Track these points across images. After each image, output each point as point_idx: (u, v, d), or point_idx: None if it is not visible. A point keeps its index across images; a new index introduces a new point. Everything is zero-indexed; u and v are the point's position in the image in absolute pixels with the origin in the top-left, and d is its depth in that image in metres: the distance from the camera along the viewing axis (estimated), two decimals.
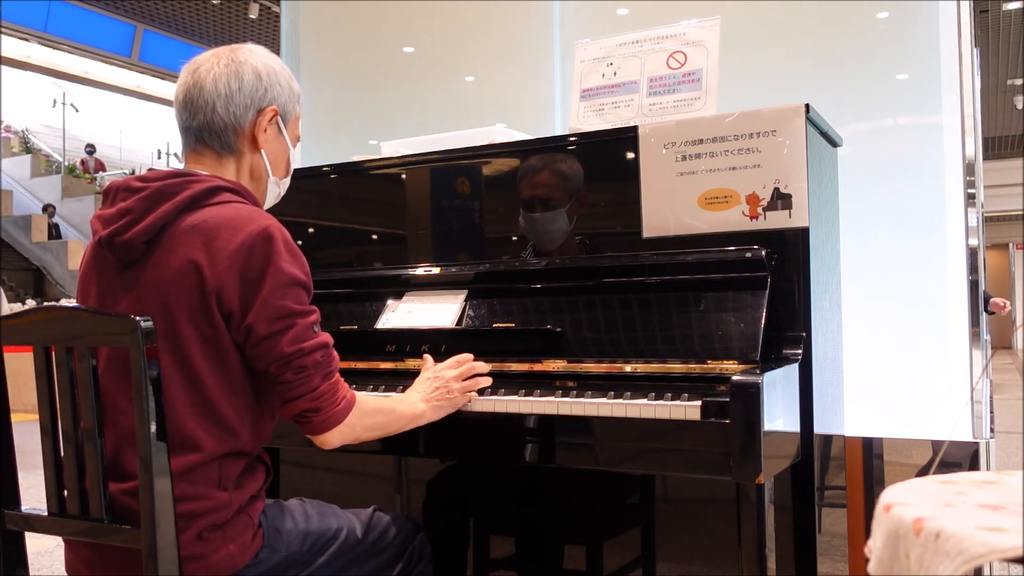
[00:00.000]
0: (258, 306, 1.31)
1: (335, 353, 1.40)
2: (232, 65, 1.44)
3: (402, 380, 1.79)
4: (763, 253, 1.66)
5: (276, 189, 1.55)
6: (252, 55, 1.47)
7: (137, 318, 1.21)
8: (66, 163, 16.43)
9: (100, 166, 16.93)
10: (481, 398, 1.67)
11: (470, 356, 1.72)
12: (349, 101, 3.29)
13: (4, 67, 15.31)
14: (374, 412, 1.46)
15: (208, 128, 1.44)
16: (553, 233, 1.95)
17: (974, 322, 2.11)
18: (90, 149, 16.91)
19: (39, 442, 1.33)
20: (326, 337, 1.38)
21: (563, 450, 1.62)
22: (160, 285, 1.33)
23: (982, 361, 2.10)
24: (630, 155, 1.85)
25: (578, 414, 1.57)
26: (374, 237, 2.30)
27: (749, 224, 1.71)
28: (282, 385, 1.34)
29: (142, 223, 1.34)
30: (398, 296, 2.02)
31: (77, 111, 16.97)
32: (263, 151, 1.48)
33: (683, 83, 1.94)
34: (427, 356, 1.75)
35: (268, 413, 1.43)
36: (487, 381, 1.69)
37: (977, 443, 2.05)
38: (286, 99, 1.50)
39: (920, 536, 0.81)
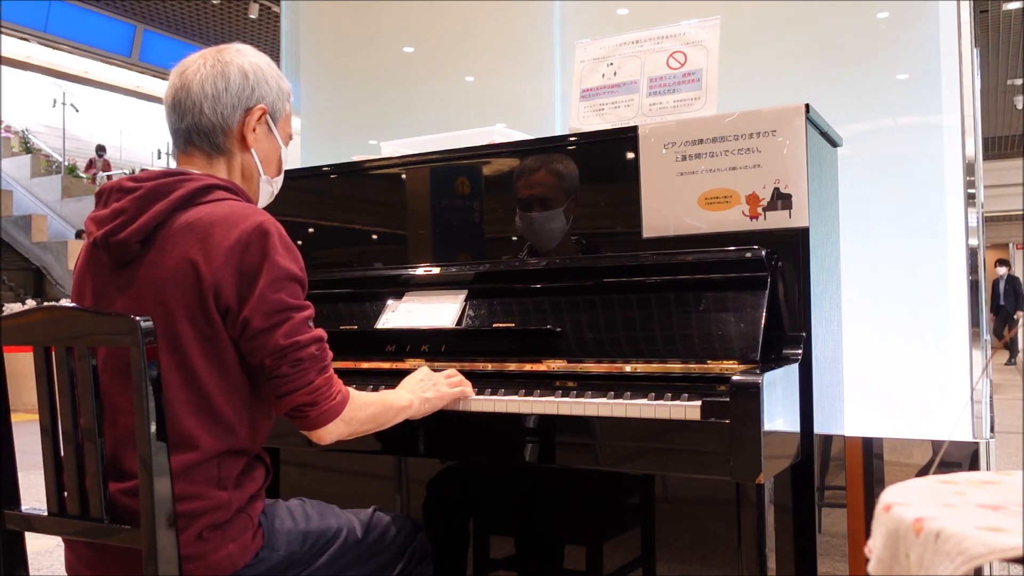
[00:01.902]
0: (254, 300, 1.31)
1: (328, 349, 1.40)
2: (218, 66, 1.44)
3: (401, 380, 1.79)
4: (763, 253, 1.66)
5: (269, 188, 1.55)
6: (239, 55, 1.47)
7: (137, 318, 1.21)
8: (66, 163, 16.43)
9: (107, 167, 16.92)
10: (481, 398, 1.67)
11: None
12: (349, 101, 3.28)
13: (4, 67, 15.30)
14: (365, 404, 1.46)
15: (197, 129, 1.44)
16: (550, 232, 1.95)
17: (974, 322, 2.11)
18: (100, 151, 16.90)
19: (39, 442, 1.33)
20: (321, 332, 1.38)
21: (563, 450, 1.62)
22: (157, 284, 1.33)
23: (982, 361, 2.10)
24: (630, 155, 1.85)
25: (578, 414, 1.57)
26: (374, 237, 2.30)
27: (749, 224, 1.71)
28: (277, 379, 1.34)
29: (136, 223, 1.34)
30: (398, 296, 2.02)
31: (77, 111, 16.96)
32: (253, 150, 1.48)
33: (683, 83, 1.94)
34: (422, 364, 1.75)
35: (266, 411, 1.43)
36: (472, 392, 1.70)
37: (977, 443, 2.05)
38: (275, 97, 1.49)
39: (920, 536, 0.81)
